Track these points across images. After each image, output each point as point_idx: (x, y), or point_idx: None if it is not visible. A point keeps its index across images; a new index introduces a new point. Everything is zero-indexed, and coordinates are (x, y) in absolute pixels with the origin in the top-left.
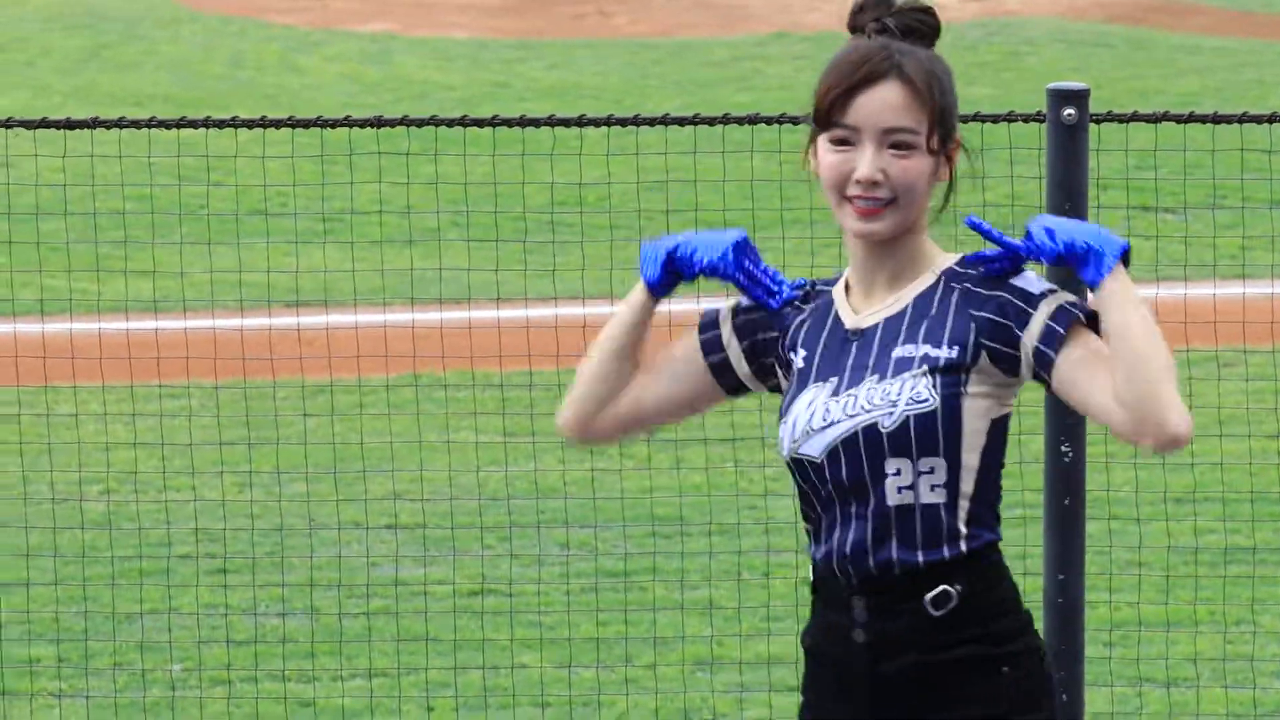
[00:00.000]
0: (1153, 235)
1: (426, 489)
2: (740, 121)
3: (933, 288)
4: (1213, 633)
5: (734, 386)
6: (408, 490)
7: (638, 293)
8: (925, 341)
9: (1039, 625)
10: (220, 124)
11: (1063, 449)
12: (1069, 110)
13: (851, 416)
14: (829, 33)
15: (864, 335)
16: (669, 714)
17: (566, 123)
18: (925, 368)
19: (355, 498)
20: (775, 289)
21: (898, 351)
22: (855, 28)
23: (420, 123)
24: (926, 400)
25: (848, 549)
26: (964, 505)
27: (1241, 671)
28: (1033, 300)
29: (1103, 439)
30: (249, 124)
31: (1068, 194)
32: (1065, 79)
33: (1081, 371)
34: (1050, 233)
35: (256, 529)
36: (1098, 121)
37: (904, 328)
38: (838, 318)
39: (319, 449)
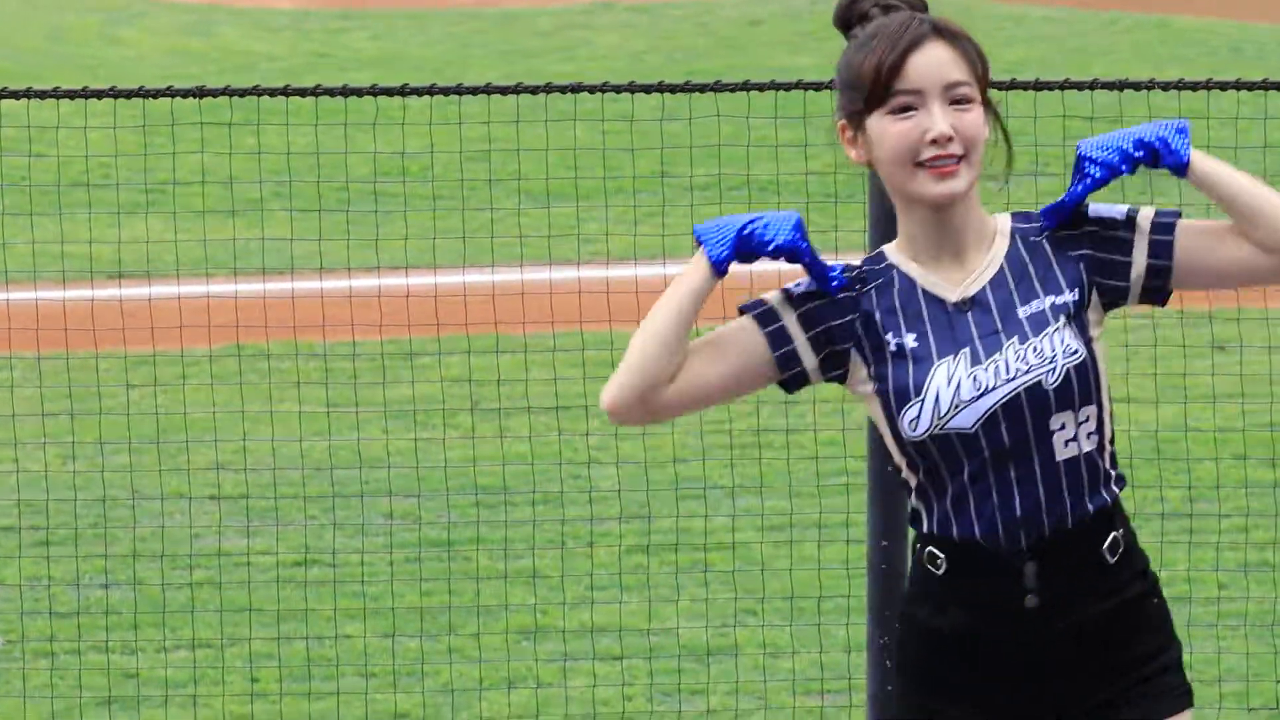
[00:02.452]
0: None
1: (250, 459)
2: (563, 90)
3: (1014, 247)
4: None
5: (795, 377)
6: (231, 461)
7: (700, 271)
8: (1046, 294)
9: (862, 592)
10: (42, 94)
11: None
12: None
13: (1009, 380)
14: (654, 2)
15: (975, 302)
16: (493, 683)
17: (389, 92)
18: (1062, 318)
19: (178, 468)
20: (832, 272)
21: (1023, 311)
22: (858, 17)
23: (242, 93)
24: (1078, 351)
25: (1018, 512)
26: (1107, 446)
27: None
28: (1124, 224)
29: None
30: (70, 94)
31: None
32: None
33: (1210, 250)
34: (1113, 147)
35: (80, 500)
36: None
37: (1013, 288)
38: (929, 293)
39: (142, 420)
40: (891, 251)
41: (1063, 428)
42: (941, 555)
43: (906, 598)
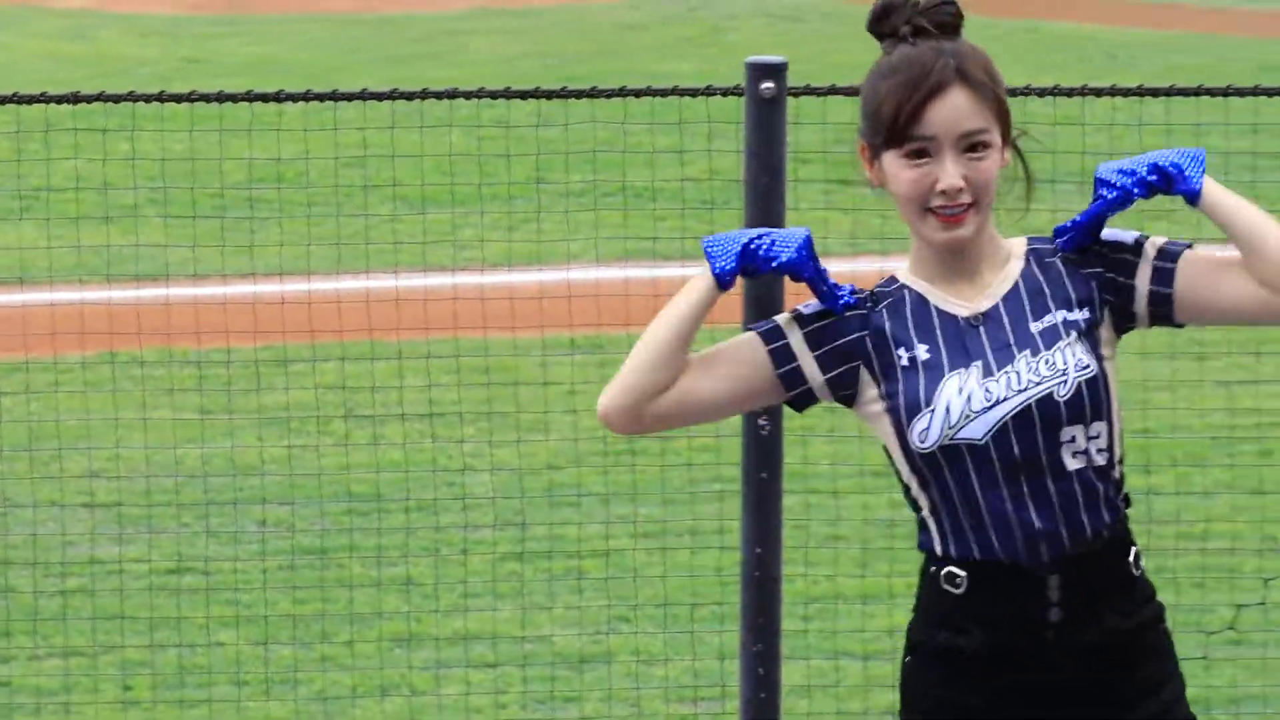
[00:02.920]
0: (850, 208)
1: (123, 467)
2: (438, 96)
3: (1028, 268)
4: (909, 605)
5: (802, 396)
6: (104, 469)
7: (703, 283)
8: (1059, 309)
9: (735, 599)
10: None
11: (760, 423)
12: (767, 84)
13: (1020, 391)
14: (529, 8)
15: (987, 317)
16: (367, 691)
17: (264, 98)
18: (1074, 334)
19: (51, 476)
20: (840, 292)
21: (1035, 325)
22: (884, 33)
23: (117, 98)
24: (1089, 366)
25: (1036, 525)
26: (1117, 464)
27: None
28: (1131, 249)
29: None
30: None
31: (766, 167)
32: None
33: (1215, 285)
34: (1128, 170)
35: None
36: (795, 95)
37: (1026, 304)
38: (942, 311)
39: (14, 427)
40: (903, 273)
41: (1073, 440)
42: (962, 574)
43: (916, 626)
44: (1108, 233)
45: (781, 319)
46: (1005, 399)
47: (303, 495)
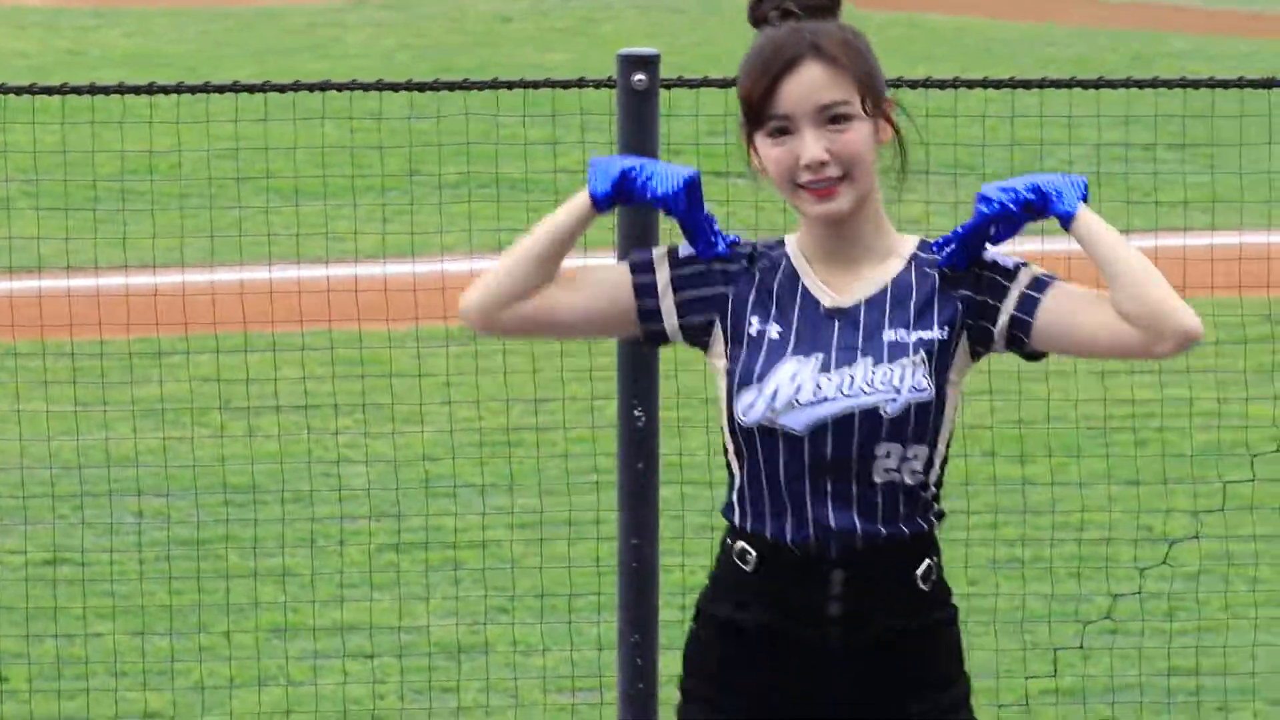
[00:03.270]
0: (725, 200)
1: None
2: (311, 88)
3: (906, 272)
4: None
5: (655, 334)
6: None
7: (578, 202)
8: (917, 326)
9: (612, 589)
10: None
11: (635, 414)
12: (639, 76)
13: (849, 396)
14: (409, 0)
15: (846, 315)
16: (244, 681)
17: (136, 90)
18: (921, 354)
19: None
20: (713, 239)
21: (889, 335)
22: (759, 20)
23: None
24: (925, 390)
25: (831, 523)
26: (931, 489)
27: None
28: (1008, 273)
29: (675, 403)
30: None
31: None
32: (640, 44)
33: (1074, 314)
34: (1008, 188)
35: None
36: (668, 87)
37: (888, 310)
38: (808, 293)
39: None
40: (791, 241)
41: (887, 455)
42: (753, 552)
43: (707, 593)
44: (992, 254)
45: (656, 253)
46: (832, 399)
47: (178, 486)
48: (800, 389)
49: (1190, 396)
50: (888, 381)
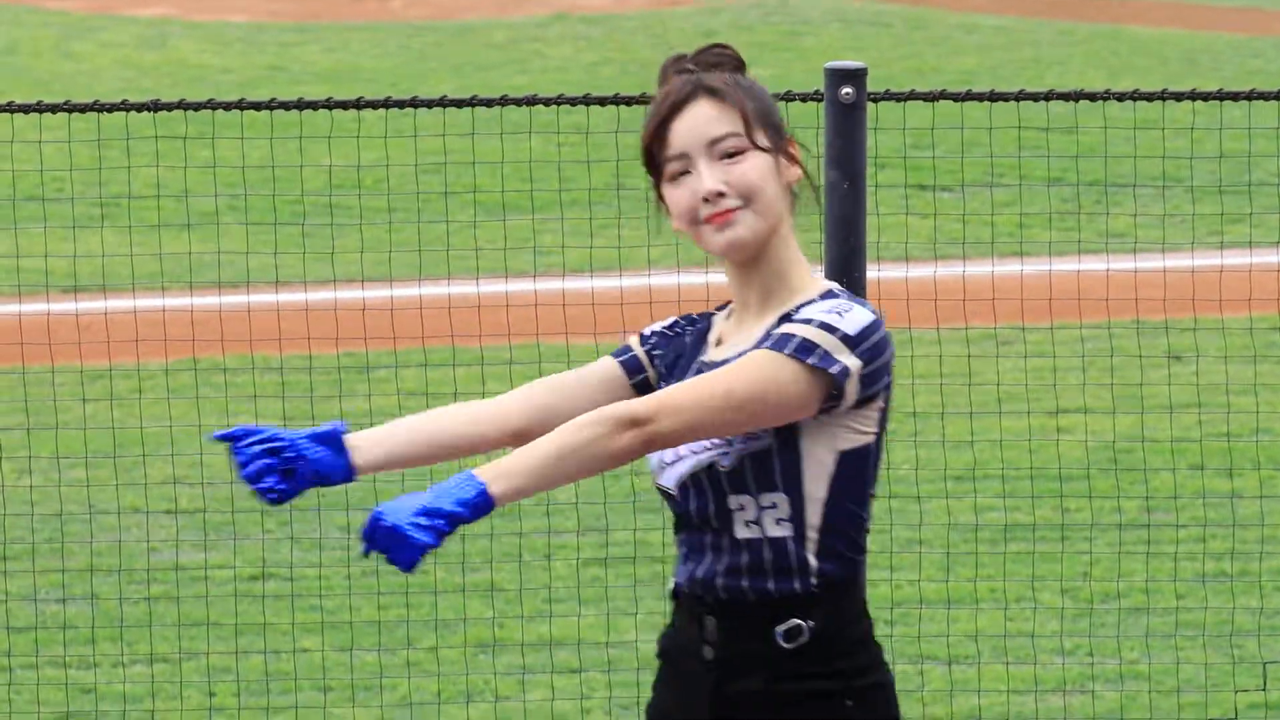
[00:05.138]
0: (930, 214)
1: (206, 473)
2: (518, 103)
3: (775, 325)
4: (993, 609)
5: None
6: (187, 475)
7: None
8: None
9: None
10: None
11: None
12: (846, 89)
13: (695, 453)
14: (608, 14)
15: (713, 368)
16: (451, 696)
17: (344, 105)
18: None
19: (135, 483)
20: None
21: None
22: (662, 82)
23: (197, 106)
24: (760, 437)
25: (701, 573)
26: (812, 538)
27: (1022, 648)
28: (788, 318)
29: None
30: (25, 109)
31: (846, 173)
32: (843, 58)
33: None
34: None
35: (36, 515)
36: (875, 100)
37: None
38: (701, 349)
39: (98, 434)
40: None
41: (742, 509)
42: (672, 589)
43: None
44: (830, 310)
45: (632, 339)
46: (684, 457)
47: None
48: (666, 450)
49: None
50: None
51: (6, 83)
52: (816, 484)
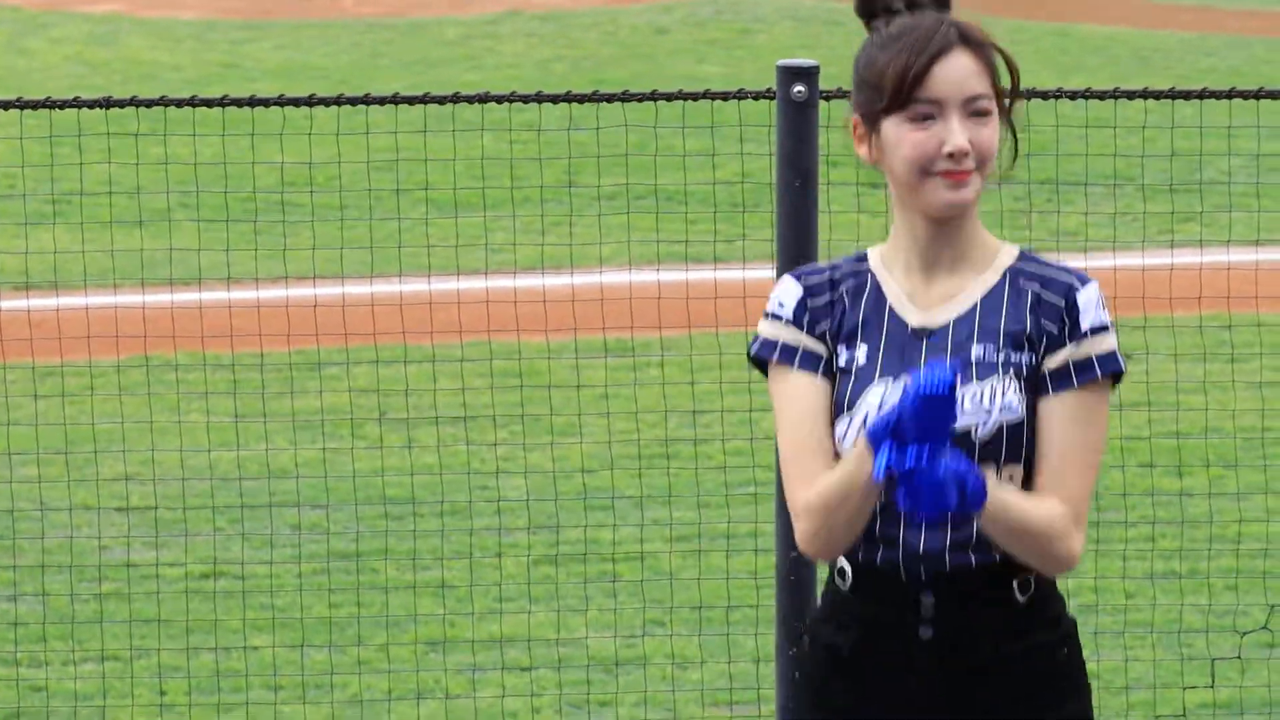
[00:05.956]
0: (882, 211)
1: (158, 470)
2: (470, 100)
3: (999, 286)
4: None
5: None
6: (139, 472)
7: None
8: (1006, 345)
9: (770, 602)
10: None
11: None
12: (799, 87)
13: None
14: (560, 11)
15: (933, 335)
16: (402, 694)
17: (296, 102)
18: (1011, 373)
19: (86, 480)
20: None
21: (976, 351)
22: (875, 12)
23: (149, 103)
24: (1016, 410)
25: (920, 548)
26: None
27: None
28: (1077, 331)
29: None
30: None
31: (798, 171)
32: (795, 56)
33: (1051, 432)
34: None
35: None
36: (827, 98)
37: (976, 328)
38: (894, 312)
39: (50, 431)
40: (874, 257)
41: None
42: (850, 572)
43: (815, 614)
44: (1084, 297)
45: (778, 334)
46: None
47: (336, 499)
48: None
49: None
50: (977, 403)
51: None
52: (1031, 451)
